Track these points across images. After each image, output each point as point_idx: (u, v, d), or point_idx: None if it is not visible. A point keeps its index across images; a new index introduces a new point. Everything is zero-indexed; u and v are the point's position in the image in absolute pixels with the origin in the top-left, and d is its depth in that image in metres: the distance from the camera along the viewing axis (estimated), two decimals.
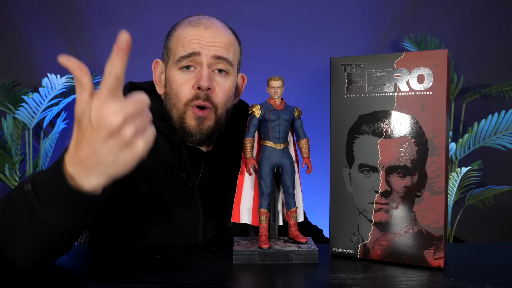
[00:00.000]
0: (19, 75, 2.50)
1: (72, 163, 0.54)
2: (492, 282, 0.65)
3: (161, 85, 0.98)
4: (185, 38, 0.91)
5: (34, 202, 0.56)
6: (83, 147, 0.52)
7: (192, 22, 0.93)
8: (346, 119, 0.78)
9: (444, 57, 0.71)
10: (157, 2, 2.50)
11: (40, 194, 0.56)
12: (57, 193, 0.55)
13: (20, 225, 0.58)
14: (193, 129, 0.92)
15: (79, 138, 0.53)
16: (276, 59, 2.51)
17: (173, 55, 0.93)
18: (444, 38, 2.55)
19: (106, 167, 0.53)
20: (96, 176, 0.54)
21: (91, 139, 0.51)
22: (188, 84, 0.91)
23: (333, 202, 0.80)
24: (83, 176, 0.54)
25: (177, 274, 0.68)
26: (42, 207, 0.56)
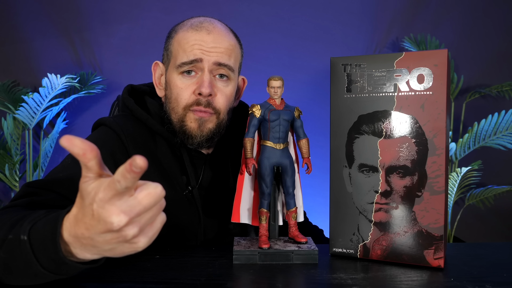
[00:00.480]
0: (19, 75, 2.50)
1: (69, 234, 0.52)
2: (492, 282, 0.65)
3: (161, 88, 0.98)
4: (186, 43, 0.90)
5: (29, 255, 0.54)
6: (81, 226, 0.50)
7: (194, 26, 0.92)
8: (346, 119, 0.78)
9: (444, 57, 0.71)
10: (157, 2, 2.50)
11: (37, 249, 0.54)
12: (52, 255, 0.53)
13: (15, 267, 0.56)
14: (194, 131, 0.91)
15: (79, 214, 0.50)
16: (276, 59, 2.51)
17: (174, 59, 0.92)
18: (444, 38, 2.55)
19: (102, 251, 0.52)
20: (90, 254, 0.53)
21: (90, 225, 0.49)
22: (188, 89, 0.90)
23: (333, 202, 0.80)
24: (78, 249, 0.52)
25: (177, 274, 0.68)
26: (37, 262, 0.54)
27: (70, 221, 0.51)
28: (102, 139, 0.87)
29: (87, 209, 0.48)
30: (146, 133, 0.93)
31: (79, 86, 2.38)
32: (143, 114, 0.92)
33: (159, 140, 0.94)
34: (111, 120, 0.91)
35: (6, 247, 0.56)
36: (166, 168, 0.93)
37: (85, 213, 0.49)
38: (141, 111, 0.93)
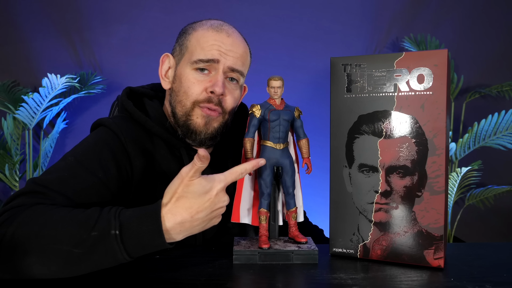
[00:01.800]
0: (19, 75, 2.50)
1: (174, 222, 0.66)
2: (492, 282, 0.65)
3: (167, 80, 0.98)
4: (206, 41, 0.91)
5: (118, 246, 0.63)
6: (189, 211, 0.67)
7: (214, 26, 0.94)
8: (346, 119, 0.78)
9: (444, 57, 0.71)
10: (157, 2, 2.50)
11: (128, 241, 0.64)
12: (146, 243, 0.65)
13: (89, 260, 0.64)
14: (199, 127, 0.92)
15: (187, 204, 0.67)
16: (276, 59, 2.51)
17: (189, 54, 0.93)
18: (444, 38, 2.55)
19: (196, 229, 0.69)
20: (184, 235, 0.68)
21: (201, 208, 0.68)
22: (200, 85, 0.91)
23: (333, 202, 0.80)
24: (176, 233, 0.67)
25: (177, 274, 0.68)
26: (125, 251, 0.64)
27: (172, 213, 0.66)
28: (103, 139, 0.87)
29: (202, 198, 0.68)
30: (144, 135, 0.93)
31: (79, 86, 2.38)
32: (142, 117, 0.93)
33: (157, 141, 0.94)
34: (110, 121, 0.91)
35: (86, 243, 0.63)
36: (165, 169, 0.93)
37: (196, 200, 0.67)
38: (139, 114, 0.93)
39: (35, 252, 0.62)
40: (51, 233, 0.63)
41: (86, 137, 0.91)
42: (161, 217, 0.65)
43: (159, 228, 0.64)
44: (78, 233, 0.63)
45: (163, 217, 0.65)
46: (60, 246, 0.62)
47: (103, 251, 0.63)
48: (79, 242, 0.63)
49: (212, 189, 0.68)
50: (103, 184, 0.80)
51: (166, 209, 0.66)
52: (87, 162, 0.80)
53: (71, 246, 0.62)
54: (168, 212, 0.66)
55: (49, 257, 0.63)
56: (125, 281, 0.66)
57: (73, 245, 0.62)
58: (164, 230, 0.65)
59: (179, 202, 0.66)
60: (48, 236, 0.63)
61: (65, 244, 0.62)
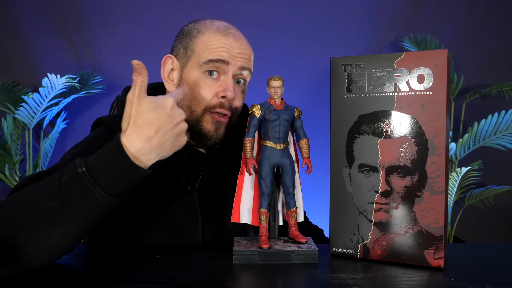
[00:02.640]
0: (19, 75, 2.50)
1: (137, 142, 0.65)
2: (492, 282, 0.65)
3: (171, 82, 0.97)
4: (214, 44, 0.91)
5: (90, 182, 0.63)
6: (152, 127, 0.66)
7: (221, 30, 0.93)
8: (346, 119, 0.78)
9: (444, 57, 0.71)
10: (157, 2, 2.50)
11: (97, 175, 0.63)
12: (116, 172, 0.64)
13: (71, 209, 0.63)
14: (211, 133, 0.93)
15: (145, 122, 0.65)
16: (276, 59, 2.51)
17: (196, 57, 0.92)
18: (444, 38, 2.55)
19: (166, 146, 0.68)
20: (156, 153, 0.67)
21: (163, 123, 0.66)
22: (211, 90, 0.91)
23: (333, 202, 0.80)
24: (146, 152, 0.66)
25: (177, 274, 0.68)
26: (97, 186, 0.63)
27: (130, 135, 0.65)
28: (102, 138, 0.87)
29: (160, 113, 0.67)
30: None
31: (79, 86, 2.38)
32: None
33: None
34: (109, 119, 0.91)
35: (60, 190, 0.63)
36: (165, 168, 0.93)
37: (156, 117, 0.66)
38: None
39: (21, 225, 0.62)
40: (29, 200, 0.64)
41: (86, 136, 0.91)
42: (123, 143, 0.64)
43: (122, 153, 0.64)
44: (50, 186, 0.64)
45: (124, 143, 0.64)
46: (40, 207, 0.63)
47: (80, 194, 0.63)
48: (53, 194, 0.63)
49: (164, 103, 0.68)
50: None
51: (127, 133, 0.65)
52: (83, 155, 0.80)
53: (49, 201, 0.63)
54: (130, 135, 0.65)
55: (34, 224, 0.62)
56: (125, 281, 0.66)
57: (50, 199, 0.63)
58: (131, 155, 0.64)
59: (137, 123, 0.66)
60: (27, 204, 0.64)
61: (44, 203, 0.63)
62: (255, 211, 0.82)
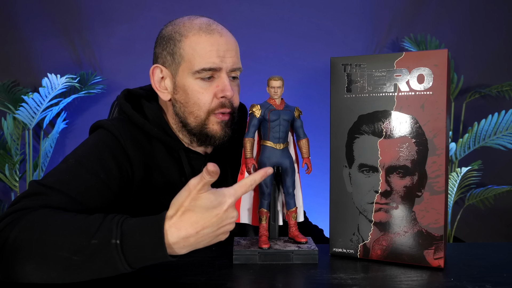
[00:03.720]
0: (19, 75, 2.50)
1: (177, 236, 0.63)
2: (492, 282, 0.65)
3: (165, 92, 0.95)
4: (202, 48, 0.90)
5: (119, 256, 0.62)
6: (195, 226, 0.64)
7: (204, 29, 0.92)
8: (346, 119, 0.78)
9: (444, 57, 0.71)
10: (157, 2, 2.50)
11: (128, 251, 0.62)
12: (148, 256, 0.63)
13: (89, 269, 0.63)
14: (218, 133, 0.93)
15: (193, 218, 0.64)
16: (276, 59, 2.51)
17: (187, 63, 0.91)
18: (444, 38, 2.55)
19: (201, 244, 0.66)
20: (187, 249, 0.65)
21: (208, 223, 0.64)
22: (209, 92, 0.91)
23: (333, 202, 0.80)
24: (179, 248, 0.64)
25: (177, 274, 0.68)
26: (125, 261, 0.62)
27: (176, 227, 0.63)
28: (104, 142, 0.87)
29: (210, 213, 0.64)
30: (143, 137, 0.93)
31: (79, 86, 2.38)
32: (140, 119, 0.92)
33: (156, 144, 0.94)
34: (109, 123, 0.91)
35: (86, 251, 0.62)
36: (165, 171, 0.93)
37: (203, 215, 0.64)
38: (137, 116, 0.93)
39: (35, 257, 0.62)
40: (52, 238, 0.63)
41: (86, 139, 0.91)
42: (165, 230, 0.63)
43: (161, 241, 0.62)
44: (79, 240, 0.62)
45: (166, 230, 0.63)
46: (60, 252, 0.62)
47: (103, 260, 0.62)
48: (79, 250, 0.62)
49: (221, 204, 0.65)
50: (104, 185, 0.80)
51: (171, 222, 0.63)
52: (88, 163, 0.80)
53: (71, 253, 0.62)
54: (172, 226, 0.63)
55: (49, 264, 0.62)
56: (125, 281, 0.65)
57: (73, 252, 0.62)
58: (167, 243, 0.63)
59: (185, 216, 0.64)
60: (49, 241, 0.63)
61: (65, 250, 0.62)
62: (255, 211, 0.82)
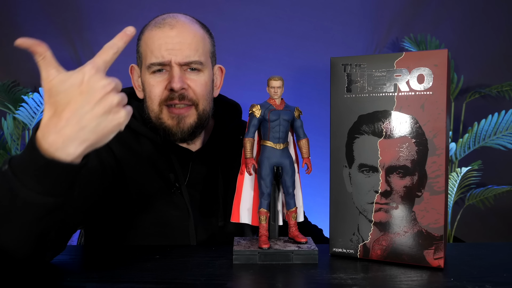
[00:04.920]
0: (19, 75, 2.50)
1: (48, 134, 0.55)
2: (492, 282, 0.65)
3: (140, 89, 0.99)
4: (152, 42, 0.91)
5: (12, 180, 0.56)
6: (64, 114, 0.54)
7: (157, 24, 0.93)
8: (346, 119, 0.78)
9: (444, 57, 0.71)
10: (157, 2, 2.50)
11: (17, 171, 0.56)
12: (32, 166, 0.56)
13: (4, 209, 0.58)
14: (173, 128, 0.93)
15: (59, 109, 0.55)
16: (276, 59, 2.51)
17: (144, 60, 0.94)
18: (444, 38, 2.55)
19: (88, 133, 0.55)
20: (75, 145, 0.55)
21: (77, 105, 0.54)
22: (160, 85, 0.92)
23: (333, 202, 0.80)
24: (60, 146, 0.55)
25: (177, 274, 0.68)
26: (20, 184, 0.56)
27: (45, 125, 0.56)
28: None
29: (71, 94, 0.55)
30: (130, 135, 0.94)
31: None
32: None
33: (143, 141, 0.95)
34: None
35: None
36: (153, 167, 0.94)
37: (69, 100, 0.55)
38: None
39: None
40: None
41: None
42: (37, 135, 0.56)
43: (34, 147, 0.55)
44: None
45: (38, 136, 0.56)
46: None
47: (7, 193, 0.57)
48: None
49: (77, 78, 0.55)
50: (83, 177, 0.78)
51: (41, 124, 0.57)
52: None
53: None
54: (41, 129, 0.56)
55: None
56: (125, 281, 0.65)
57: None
58: (44, 148, 0.55)
59: (48, 112, 0.56)
60: None
61: None
62: (255, 211, 0.82)
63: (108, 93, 0.56)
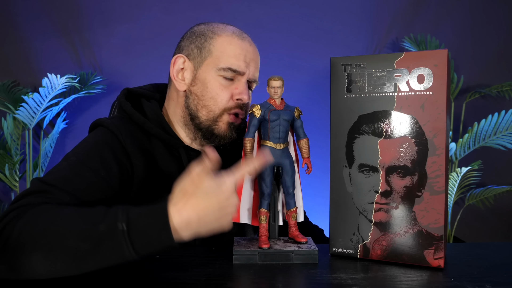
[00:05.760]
0: (19, 75, 2.50)
1: (180, 219, 0.63)
2: (492, 282, 0.65)
3: (182, 82, 0.97)
4: (233, 49, 0.94)
5: (125, 242, 0.61)
6: (200, 211, 0.63)
7: (237, 34, 0.96)
8: (346, 119, 0.78)
9: (444, 57, 0.71)
10: (157, 2, 2.50)
11: (135, 237, 0.62)
12: (153, 240, 0.62)
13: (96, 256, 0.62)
14: (224, 133, 0.95)
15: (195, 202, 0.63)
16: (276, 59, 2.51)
17: (214, 59, 0.94)
18: (444, 38, 2.55)
19: (202, 229, 0.65)
20: (189, 234, 0.64)
21: (212, 208, 0.64)
22: (227, 91, 0.93)
23: (333, 202, 0.80)
24: (183, 232, 0.63)
25: (177, 274, 0.68)
26: (132, 247, 0.62)
27: (178, 209, 0.63)
28: (104, 139, 0.87)
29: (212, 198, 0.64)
30: (143, 135, 0.94)
31: (79, 86, 2.38)
32: (141, 118, 0.93)
33: (156, 142, 0.95)
34: (108, 121, 0.91)
35: (94, 237, 0.62)
36: (164, 169, 0.93)
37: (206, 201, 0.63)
38: (138, 115, 0.93)
39: (42, 249, 0.62)
40: (58, 229, 0.63)
41: (86, 137, 0.91)
42: (168, 213, 0.62)
43: (166, 224, 0.62)
44: (85, 228, 0.62)
45: (170, 214, 0.62)
46: (67, 242, 0.62)
47: (110, 247, 0.61)
48: (86, 237, 0.62)
49: (221, 189, 0.65)
50: (106, 183, 0.80)
51: (173, 206, 0.63)
52: (90, 161, 0.81)
53: (78, 241, 0.61)
54: (175, 210, 0.63)
55: (55, 254, 0.62)
56: (125, 281, 0.66)
57: (80, 240, 0.61)
58: (172, 227, 0.62)
59: (187, 201, 0.63)
60: (55, 231, 0.62)
61: (72, 239, 0.62)
62: (255, 211, 0.82)
63: (233, 206, 0.66)
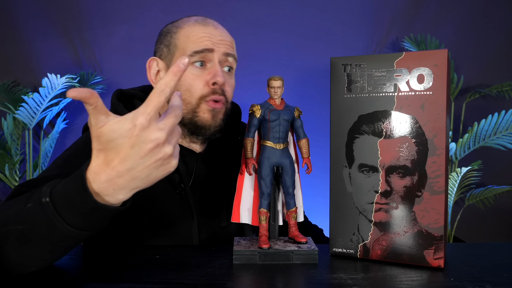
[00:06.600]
0: (19, 75, 2.50)
1: (99, 181, 0.55)
2: (492, 282, 0.65)
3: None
4: (195, 35, 0.92)
5: (53, 214, 0.57)
6: (115, 164, 0.54)
7: (199, 21, 0.95)
8: (346, 119, 0.78)
9: (444, 57, 0.71)
10: (157, 2, 2.50)
11: (60, 207, 0.57)
12: (80, 208, 0.57)
13: (36, 236, 0.59)
14: (208, 122, 0.92)
15: (108, 157, 0.54)
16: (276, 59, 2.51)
17: (181, 51, 0.93)
18: (444, 38, 2.55)
19: (138, 182, 0.56)
20: (125, 192, 0.57)
21: (128, 157, 0.53)
22: (201, 79, 0.91)
23: (333, 202, 0.80)
24: (110, 193, 0.56)
25: (177, 274, 0.68)
26: (61, 219, 0.57)
27: (95, 171, 0.55)
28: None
29: (121, 144, 0.53)
30: None
31: (79, 86, 2.38)
32: None
33: None
34: None
35: (25, 216, 0.59)
36: None
37: (118, 150, 0.53)
38: None
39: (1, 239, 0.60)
40: (1, 216, 0.61)
41: (77, 139, 0.91)
42: (86, 178, 0.56)
43: (85, 189, 0.55)
44: (19, 208, 0.60)
45: (88, 178, 0.56)
46: (10, 227, 0.60)
47: (43, 223, 0.58)
48: (19, 217, 0.59)
49: (129, 129, 0.53)
50: None
51: (91, 167, 0.56)
52: (76, 161, 0.79)
53: (16, 224, 0.59)
54: (91, 172, 0.56)
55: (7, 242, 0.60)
56: (125, 281, 0.65)
57: (16, 222, 0.59)
58: (93, 191, 0.56)
59: (99, 158, 0.55)
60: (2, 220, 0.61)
61: (11, 223, 0.59)
62: (255, 211, 0.82)
63: (160, 145, 0.54)
